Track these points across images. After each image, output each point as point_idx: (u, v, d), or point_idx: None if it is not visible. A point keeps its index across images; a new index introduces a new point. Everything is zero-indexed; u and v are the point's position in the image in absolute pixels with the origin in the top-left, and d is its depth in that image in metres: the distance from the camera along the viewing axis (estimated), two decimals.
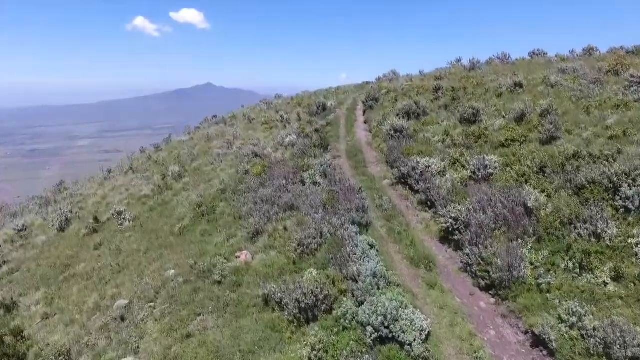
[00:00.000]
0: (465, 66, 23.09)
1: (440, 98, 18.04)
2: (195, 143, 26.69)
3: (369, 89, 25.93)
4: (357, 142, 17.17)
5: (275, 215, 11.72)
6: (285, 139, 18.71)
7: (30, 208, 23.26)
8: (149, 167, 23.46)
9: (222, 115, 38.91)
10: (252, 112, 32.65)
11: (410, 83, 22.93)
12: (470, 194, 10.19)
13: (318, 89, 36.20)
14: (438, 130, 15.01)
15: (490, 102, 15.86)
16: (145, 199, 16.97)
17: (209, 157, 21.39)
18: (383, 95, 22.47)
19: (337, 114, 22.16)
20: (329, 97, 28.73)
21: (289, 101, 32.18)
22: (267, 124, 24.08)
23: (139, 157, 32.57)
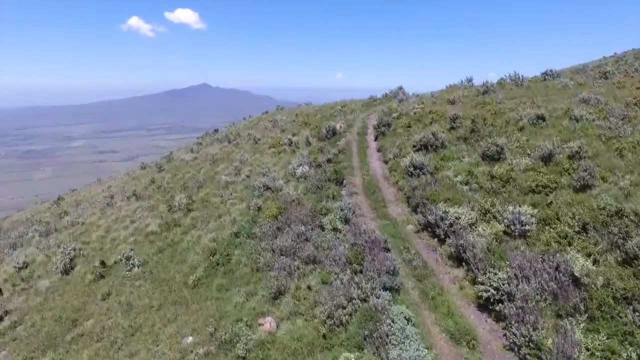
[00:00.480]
0: (478, 89, 22.49)
1: (457, 128, 17.42)
2: (199, 165, 25.95)
3: (379, 111, 25.24)
4: (373, 176, 16.52)
5: (296, 270, 11.09)
6: (296, 169, 18.04)
7: (30, 236, 22.44)
8: (153, 193, 22.71)
9: (224, 130, 38.18)
10: (256, 128, 31.92)
11: (422, 107, 22.28)
12: (508, 256, 9.57)
13: (323, 104, 35.56)
14: (460, 168, 14.39)
15: (513, 137, 15.26)
16: (153, 237, 16.24)
17: (216, 184, 20.68)
18: (394, 119, 21.84)
19: (347, 138, 21.48)
20: (335, 115, 28.06)
21: (293, 118, 31.46)
22: (275, 148, 23.38)
23: (140, 175, 31.82)
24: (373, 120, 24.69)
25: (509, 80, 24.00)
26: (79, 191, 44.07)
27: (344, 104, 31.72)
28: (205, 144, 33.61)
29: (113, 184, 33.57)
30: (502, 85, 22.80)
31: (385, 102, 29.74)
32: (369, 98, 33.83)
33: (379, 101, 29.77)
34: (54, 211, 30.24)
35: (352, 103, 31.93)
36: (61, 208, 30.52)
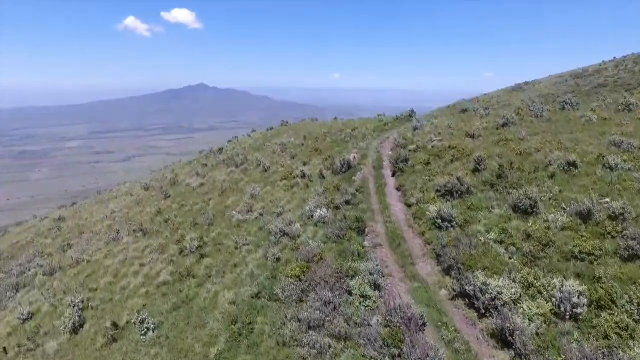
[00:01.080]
0: (497, 120, 21.78)
1: (482, 171, 16.72)
2: (207, 194, 25.13)
3: (393, 140, 24.50)
4: (396, 222, 15.80)
5: (327, 348, 10.35)
6: (314, 211, 17.28)
7: (32, 273, 21.55)
8: (160, 228, 21.87)
9: (227, 148, 37.35)
10: (263, 151, 31.13)
11: (439, 138, 21.58)
12: (562, 347, 8.86)
13: (331, 122, 34.83)
14: (491, 222, 13.68)
15: (544, 186, 14.56)
16: (166, 288, 15.42)
17: (227, 222, 19.90)
18: (411, 152, 21.12)
19: (363, 173, 20.76)
20: (346, 141, 27.29)
21: (302, 140, 30.67)
22: (287, 180, 22.61)
23: (144, 198, 30.99)
24: (387, 149, 23.97)
25: (528, 110, 23.32)
26: (80, 208, 43.19)
27: (354, 125, 30.94)
28: (210, 166, 32.76)
29: (116, 206, 32.66)
30: (520, 117, 22.12)
31: (397, 125, 29.03)
32: (378, 119, 33.11)
33: (390, 125, 29.02)
34: (55, 238, 29.35)
35: (362, 125, 31.15)
36: (63, 235, 29.63)
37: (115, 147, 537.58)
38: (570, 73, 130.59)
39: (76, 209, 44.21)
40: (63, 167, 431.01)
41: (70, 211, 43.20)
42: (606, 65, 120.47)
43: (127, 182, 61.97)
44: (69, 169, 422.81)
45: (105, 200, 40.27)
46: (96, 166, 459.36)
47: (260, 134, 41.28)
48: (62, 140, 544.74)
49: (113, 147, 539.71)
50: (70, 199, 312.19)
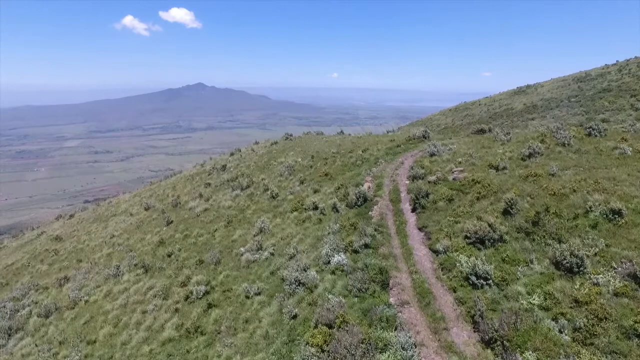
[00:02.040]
0: (522, 150, 20.43)
1: (514, 214, 15.42)
2: (212, 222, 23.78)
3: (409, 167, 23.16)
4: (423, 274, 14.48)
5: None
6: (331, 257, 15.96)
7: (27, 312, 20.19)
8: (163, 263, 20.53)
9: (231, 164, 36.00)
10: (269, 172, 29.78)
11: (460, 169, 20.24)
12: None
13: (339, 138, 33.50)
14: (532, 281, 12.37)
15: (587, 238, 13.26)
16: (171, 347, 14.07)
17: (236, 261, 18.57)
18: (431, 185, 19.80)
19: (380, 207, 19.44)
20: (358, 165, 25.93)
21: (309, 160, 29.31)
22: (298, 211, 21.27)
23: (144, 219, 29.62)
24: (403, 177, 22.64)
25: (552, 135, 22.03)
26: (78, 224, 41.80)
27: (364, 146, 29.57)
28: (214, 186, 31.39)
29: (115, 229, 31.28)
30: (546, 145, 20.81)
31: (410, 147, 27.68)
32: (390, 138, 31.79)
33: (403, 147, 27.67)
34: (52, 264, 27.98)
35: (373, 145, 29.76)
36: (59, 261, 28.26)
37: (114, 147, 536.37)
38: (573, 77, 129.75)
39: (74, 224, 42.83)
40: (61, 167, 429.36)
41: (68, 228, 41.82)
42: (609, 69, 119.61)
43: (126, 193, 60.56)
44: (67, 169, 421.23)
45: (104, 217, 38.87)
46: (94, 166, 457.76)
47: (265, 148, 39.90)
48: (61, 139, 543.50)
49: (111, 146, 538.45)
50: (68, 199, 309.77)
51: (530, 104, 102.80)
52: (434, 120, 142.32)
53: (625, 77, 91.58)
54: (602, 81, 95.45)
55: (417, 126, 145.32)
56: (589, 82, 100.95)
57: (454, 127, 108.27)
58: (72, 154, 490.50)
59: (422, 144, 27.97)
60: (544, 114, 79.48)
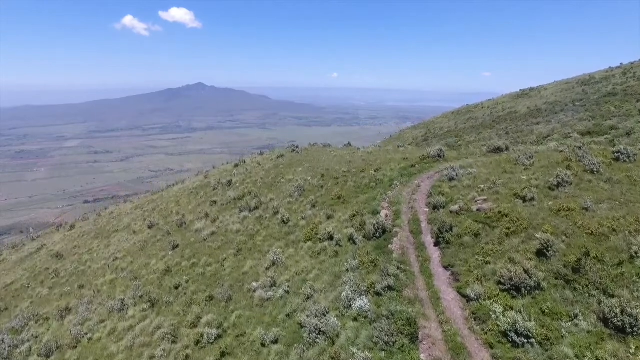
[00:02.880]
0: (549, 179, 19.34)
1: (550, 257, 14.37)
2: (220, 249, 22.71)
3: (427, 192, 22.08)
4: (454, 323, 13.43)
5: None
6: (352, 300, 14.90)
7: (26, 348, 19.11)
8: (171, 296, 19.44)
9: (237, 180, 34.94)
10: (278, 191, 28.71)
11: (484, 198, 19.18)
12: None
13: (349, 153, 32.44)
14: (579, 341, 11.30)
15: (636, 290, 12.20)
16: None
17: (249, 299, 17.49)
18: (454, 215, 18.74)
19: (400, 239, 18.39)
20: (372, 187, 24.83)
21: (319, 179, 28.23)
22: (312, 241, 20.21)
23: (148, 239, 28.55)
24: (422, 203, 21.57)
25: (580, 163, 20.95)
26: (78, 238, 40.73)
27: (376, 164, 28.49)
28: (220, 205, 30.32)
29: (117, 249, 30.21)
30: (574, 172, 19.73)
31: (426, 167, 26.58)
32: (402, 155, 30.69)
33: (419, 167, 26.57)
34: (53, 287, 26.93)
35: (385, 163, 28.65)
36: (60, 284, 27.20)
37: (114, 147, 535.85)
38: (577, 80, 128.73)
39: (75, 238, 41.76)
40: (61, 167, 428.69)
41: (69, 242, 40.75)
42: (614, 72, 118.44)
43: (127, 202, 59.51)
44: (67, 169, 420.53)
45: (106, 233, 37.80)
46: (94, 166, 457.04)
47: (271, 162, 38.81)
48: (60, 139, 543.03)
49: (111, 146, 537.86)
50: (68, 199, 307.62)
51: (534, 107, 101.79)
52: (436, 123, 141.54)
53: (630, 80, 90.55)
54: (607, 84, 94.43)
55: (419, 129, 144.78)
56: (594, 86, 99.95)
57: (457, 130, 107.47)
58: (72, 154, 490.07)
59: (438, 163, 26.90)
60: (549, 119, 78.45)
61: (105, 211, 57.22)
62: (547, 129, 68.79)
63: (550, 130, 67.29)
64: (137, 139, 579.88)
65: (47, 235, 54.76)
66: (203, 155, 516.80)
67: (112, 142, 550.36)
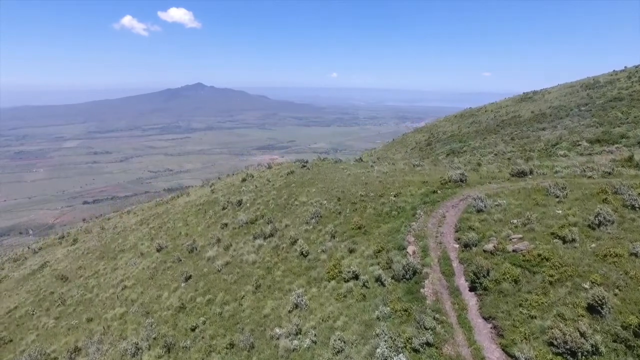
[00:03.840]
0: (589, 217, 18.27)
1: (604, 315, 13.30)
2: (236, 283, 21.60)
3: (455, 226, 20.95)
4: None
5: None
6: (390, 358, 13.82)
7: None
8: (187, 340, 18.32)
9: (248, 200, 33.82)
10: (293, 217, 27.61)
11: (519, 237, 18.09)
12: None
13: (364, 178, 31.35)
14: None
15: None
16: None
17: (272, 349, 16.39)
18: (488, 256, 17.66)
19: (432, 282, 17.31)
20: (394, 216, 23.73)
21: (335, 203, 27.14)
22: (336, 280, 19.10)
23: (158, 266, 27.45)
24: (450, 238, 20.47)
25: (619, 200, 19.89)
26: (83, 257, 39.64)
27: (395, 187, 27.35)
28: (232, 229, 29.20)
29: (125, 275, 29.10)
30: (614, 208, 18.65)
31: (449, 193, 25.46)
32: (420, 177, 29.58)
33: (441, 193, 25.46)
34: (59, 318, 25.81)
35: (404, 186, 27.56)
36: (67, 314, 26.07)
37: (113, 148, 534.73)
38: (581, 83, 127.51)
39: (79, 256, 40.63)
40: (60, 167, 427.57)
41: (72, 260, 39.63)
42: (618, 76, 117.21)
43: (130, 213, 58.32)
44: (66, 170, 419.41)
45: (111, 252, 36.68)
46: (94, 166, 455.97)
47: (281, 178, 37.66)
48: (60, 140, 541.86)
49: (111, 147, 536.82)
50: (67, 200, 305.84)
51: (538, 111, 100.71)
52: (439, 127, 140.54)
53: (635, 84, 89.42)
54: (612, 89, 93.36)
55: (422, 133, 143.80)
56: (599, 90, 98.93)
57: (461, 135, 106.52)
58: (71, 154, 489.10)
59: (460, 189, 25.80)
60: (554, 124, 77.34)
61: (109, 223, 56.14)
62: (553, 135, 67.70)
63: (557, 137, 66.18)
64: (136, 140, 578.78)
65: (50, 248, 53.64)
66: (202, 156, 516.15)
67: (111, 143, 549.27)
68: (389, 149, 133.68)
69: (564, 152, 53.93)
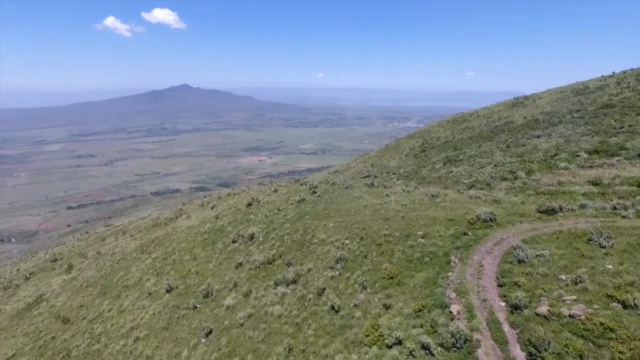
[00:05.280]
0: None
1: None
2: (264, 344, 20.09)
3: (506, 291, 19.71)
4: None
5: None
6: None
7: None
8: None
9: (258, 235, 32.26)
10: (315, 259, 26.19)
11: (574, 298, 17.03)
12: None
13: (384, 212, 30.06)
14: None
15: None
16: None
17: None
18: (542, 320, 16.54)
19: (485, 351, 16.09)
20: (425, 263, 22.52)
21: (358, 243, 25.82)
22: (377, 345, 17.76)
23: (175, 320, 25.77)
24: (494, 294, 19.31)
25: None
26: (83, 291, 37.62)
27: (420, 227, 26.15)
28: (248, 268, 27.59)
29: (134, 315, 27.29)
30: None
31: (480, 234, 24.37)
32: (444, 212, 28.45)
33: (472, 235, 24.36)
34: None
35: (429, 223, 26.40)
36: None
37: (97, 151, 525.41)
38: (571, 88, 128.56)
39: (78, 289, 38.49)
40: (43, 172, 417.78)
41: (71, 295, 37.50)
42: (607, 82, 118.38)
43: (126, 234, 56.06)
44: (49, 174, 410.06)
45: (114, 288, 34.69)
46: (77, 170, 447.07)
47: (292, 206, 36.08)
48: (41, 144, 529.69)
49: (95, 150, 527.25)
50: (51, 205, 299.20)
51: (531, 117, 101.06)
52: (432, 132, 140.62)
53: (625, 91, 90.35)
54: (602, 95, 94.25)
55: (416, 138, 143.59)
56: (589, 96, 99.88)
57: (455, 141, 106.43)
58: (54, 158, 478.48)
59: (492, 230, 24.73)
60: (548, 131, 77.40)
61: (105, 247, 53.87)
62: (549, 144, 67.57)
63: (554, 146, 66.04)
64: (121, 142, 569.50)
65: (42, 274, 51.15)
66: (189, 158, 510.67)
67: (95, 146, 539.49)
68: (383, 154, 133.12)
69: (565, 165, 53.34)
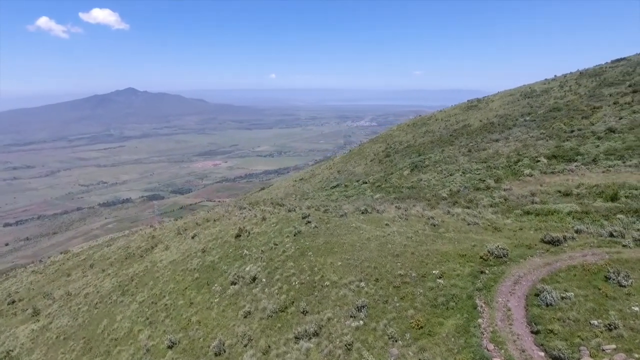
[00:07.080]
0: None
1: None
2: None
3: (543, 340, 19.82)
4: None
5: None
6: None
7: None
8: None
9: (261, 276, 30.83)
10: (333, 308, 25.30)
11: (613, 349, 17.40)
12: None
13: (392, 246, 29.76)
14: None
15: None
16: None
17: None
18: None
19: None
20: (452, 307, 22.32)
21: (377, 290, 25.19)
22: None
23: None
24: (531, 343, 19.35)
25: None
26: (65, 352, 34.31)
27: (436, 266, 25.97)
28: (259, 318, 26.09)
29: None
30: None
31: (494, 270, 24.58)
32: (453, 246, 28.55)
33: (490, 274, 24.52)
34: None
35: (443, 259, 26.37)
36: None
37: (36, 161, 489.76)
38: (520, 91, 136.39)
39: (51, 342, 35.05)
40: None
41: (46, 350, 34.04)
42: (551, 85, 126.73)
43: (93, 264, 51.94)
44: None
45: (102, 344, 31.78)
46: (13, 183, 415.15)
47: (289, 239, 34.73)
48: None
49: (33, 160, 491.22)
50: None
51: (486, 120, 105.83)
52: (394, 137, 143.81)
53: (568, 94, 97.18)
54: (548, 98, 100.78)
55: (378, 143, 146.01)
56: (536, 99, 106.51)
57: (417, 145, 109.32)
58: None
59: (506, 266, 25.07)
60: (505, 135, 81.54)
61: (74, 285, 49.60)
62: (509, 148, 70.96)
63: (514, 151, 69.46)
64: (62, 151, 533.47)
65: (3, 321, 46.28)
66: (139, 165, 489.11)
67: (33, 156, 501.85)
68: (348, 160, 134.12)
69: (529, 172, 56.17)
